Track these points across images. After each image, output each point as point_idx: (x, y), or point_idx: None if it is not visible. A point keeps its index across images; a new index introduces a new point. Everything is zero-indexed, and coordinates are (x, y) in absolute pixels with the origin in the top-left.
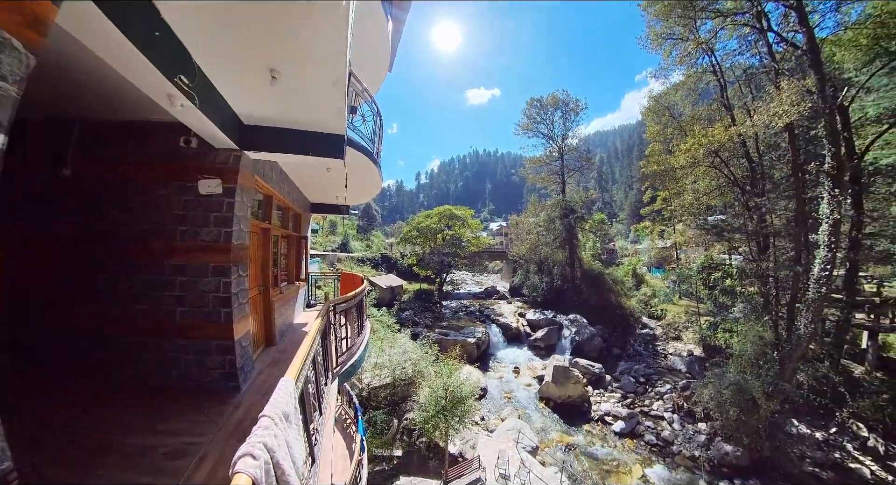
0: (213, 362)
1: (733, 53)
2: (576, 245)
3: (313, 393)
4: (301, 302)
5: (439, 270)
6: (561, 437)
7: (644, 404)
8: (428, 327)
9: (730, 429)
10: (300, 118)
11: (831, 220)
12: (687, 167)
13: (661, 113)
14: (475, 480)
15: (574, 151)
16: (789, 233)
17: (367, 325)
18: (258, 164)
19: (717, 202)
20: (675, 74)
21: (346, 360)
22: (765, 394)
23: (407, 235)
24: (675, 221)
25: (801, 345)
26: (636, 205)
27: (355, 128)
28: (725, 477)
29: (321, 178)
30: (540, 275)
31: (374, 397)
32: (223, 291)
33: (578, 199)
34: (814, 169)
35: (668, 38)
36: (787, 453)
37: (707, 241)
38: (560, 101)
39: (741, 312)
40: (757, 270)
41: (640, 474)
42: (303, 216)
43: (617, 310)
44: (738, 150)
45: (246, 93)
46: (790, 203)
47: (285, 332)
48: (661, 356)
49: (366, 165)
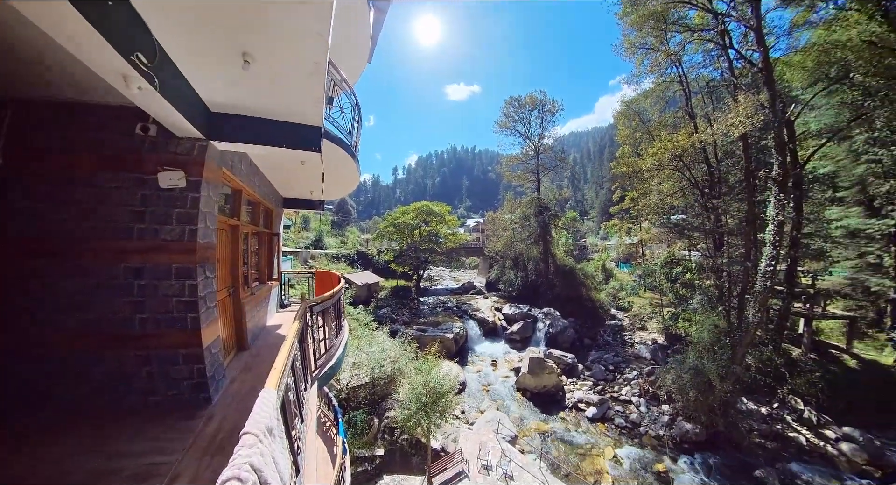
0: (180, 373)
1: (698, 66)
2: (549, 241)
3: (294, 401)
4: (274, 303)
5: (416, 266)
6: (538, 425)
7: (613, 390)
8: (406, 324)
9: (689, 409)
10: (274, 107)
11: (776, 221)
12: (653, 170)
13: (631, 117)
14: (458, 472)
15: (549, 150)
16: (741, 232)
17: (345, 325)
18: (226, 155)
19: (679, 203)
20: (646, 82)
21: (324, 362)
22: (719, 376)
23: (383, 231)
24: (642, 219)
25: (749, 332)
26: (606, 203)
27: (333, 120)
28: (686, 452)
29: (295, 171)
30: (515, 270)
31: (354, 397)
32: (189, 294)
33: (552, 197)
34: (763, 175)
35: (640, 48)
36: (737, 427)
37: (670, 238)
38: (538, 102)
39: (699, 303)
40: (713, 265)
41: (611, 455)
42: (274, 212)
43: (588, 303)
44: (699, 155)
45: (214, 78)
46: (742, 205)
47: (258, 335)
48: (629, 345)
49: (343, 159)
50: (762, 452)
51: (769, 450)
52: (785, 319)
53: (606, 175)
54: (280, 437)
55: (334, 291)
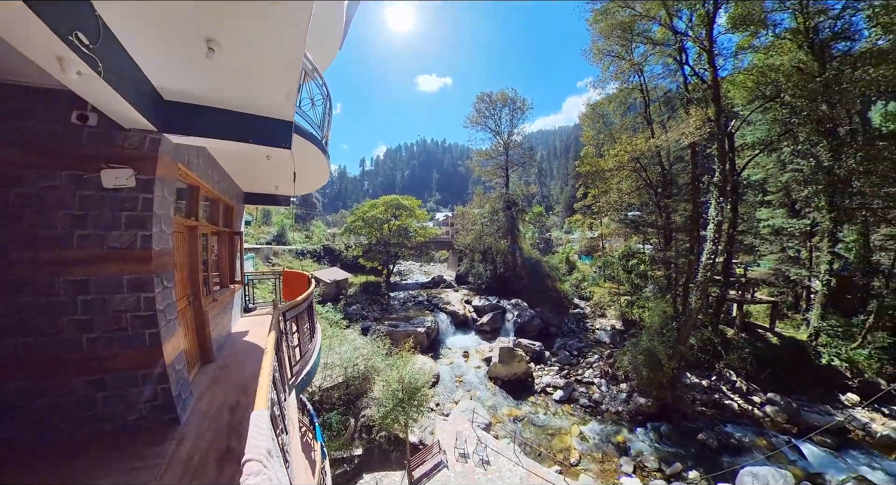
0: (142, 396)
1: (658, 77)
2: (517, 235)
3: (278, 414)
4: (238, 307)
5: (386, 261)
6: (510, 411)
7: (578, 373)
8: (377, 321)
9: (643, 386)
10: (241, 100)
11: (716, 220)
12: (614, 170)
13: (596, 120)
14: (437, 463)
15: (518, 147)
16: (687, 229)
17: (318, 328)
18: (182, 149)
19: (635, 201)
20: (610, 87)
21: (300, 369)
22: (667, 355)
23: (352, 226)
24: (602, 215)
25: (692, 316)
26: (570, 199)
27: (303, 113)
28: (641, 424)
29: (260, 165)
30: (484, 263)
31: (327, 398)
32: (145, 308)
33: (520, 192)
34: (706, 180)
35: (607, 55)
36: (683, 399)
37: (626, 233)
38: (509, 99)
39: (651, 291)
40: (663, 257)
41: (577, 432)
42: (235, 209)
43: (553, 293)
44: (655, 158)
45: (171, 64)
46: (688, 205)
47: (223, 344)
48: (590, 331)
49: (314, 155)
50: (704, 418)
51: (709, 416)
52: (721, 304)
53: (571, 173)
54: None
55: (307, 294)
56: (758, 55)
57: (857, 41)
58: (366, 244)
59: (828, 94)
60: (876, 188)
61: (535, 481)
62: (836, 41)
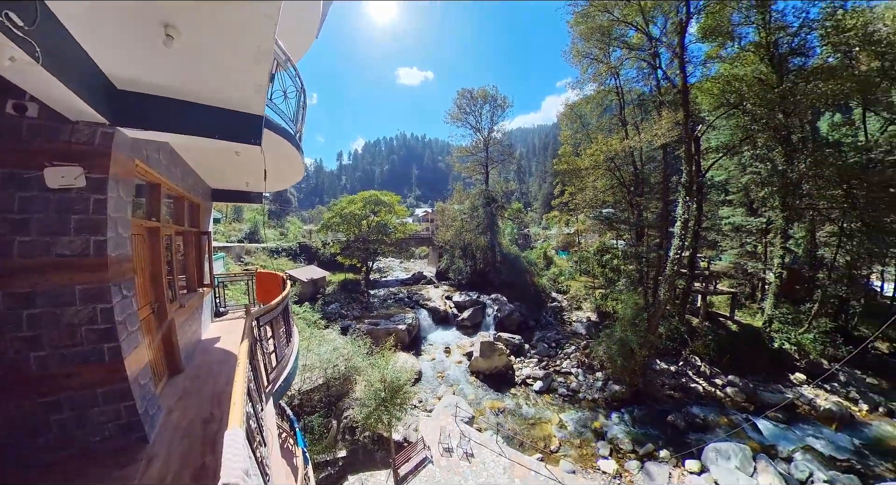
0: (103, 415)
1: (633, 80)
2: (496, 231)
3: (255, 427)
4: (208, 312)
5: (365, 258)
6: (492, 403)
7: (556, 364)
8: (357, 319)
9: (617, 373)
10: (205, 91)
11: (683, 218)
12: (590, 168)
13: (573, 120)
14: (422, 459)
15: (498, 144)
16: (657, 225)
17: (294, 332)
18: (139, 143)
19: (609, 199)
20: (588, 88)
21: (277, 376)
22: (639, 344)
23: (329, 222)
24: (578, 212)
25: (661, 307)
26: (548, 196)
27: (275, 106)
28: (616, 409)
29: (228, 161)
30: (464, 259)
31: (308, 401)
32: (103, 320)
33: (500, 189)
34: (675, 180)
35: (586, 57)
36: (654, 384)
37: (601, 229)
38: (489, 96)
39: (624, 285)
40: (635, 252)
41: (557, 420)
42: (202, 207)
43: (531, 288)
44: (628, 158)
45: (125, 51)
46: (659, 203)
47: (192, 353)
48: (567, 324)
49: (287, 151)
50: (672, 401)
51: (677, 399)
52: (687, 295)
53: (549, 170)
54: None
55: (282, 297)
56: (724, 65)
57: (810, 57)
58: (344, 241)
59: (784, 105)
60: (822, 191)
61: (517, 469)
62: (793, 56)
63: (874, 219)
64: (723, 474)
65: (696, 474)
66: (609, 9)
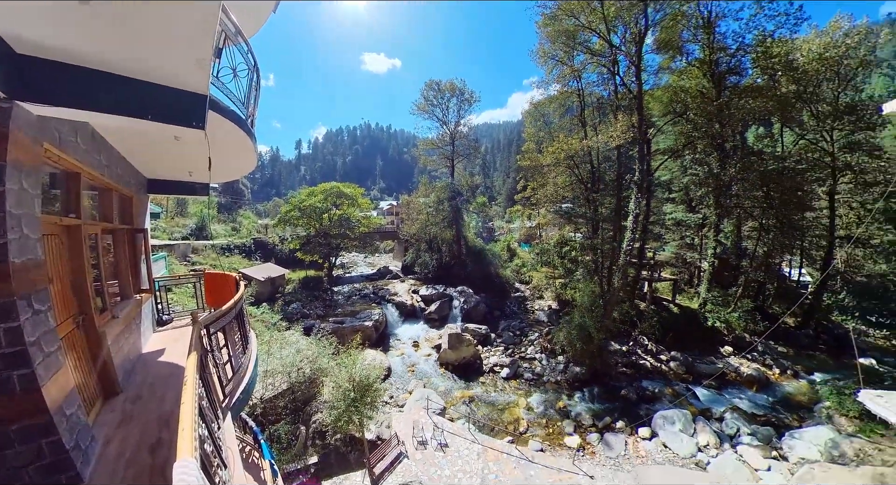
0: (20, 458)
1: (593, 84)
2: (462, 225)
3: (212, 451)
4: (149, 321)
5: (327, 253)
6: (463, 393)
7: (521, 351)
8: (321, 318)
9: (577, 356)
10: (134, 63)
11: (634, 213)
12: (551, 165)
13: (537, 118)
14: (397, 455)
15: (464, 138)
16: (611, 220)
17: (252, 337)
18: (49, 124)
19: (569, 194)
20: (552, 88)
21: (234, 388)
22: (596, 329)
23: (287, 216)
24: (540, 206)
25: (615, 294)
26: (511, 191)
27: (222, 85)
28: (577, 389)
29: (166, 147)
30: (430, 252)
31: (272, 409)
32: (8, 343)
33: (465, 183)
34: (628, 179)
35: (552, 58)
36: (609, 364)
37: (561, 223)
38: (457, 90)
39: (581, 274)
40: (591, 244)
41: (524, 404)
42: (135, 200)
43: (496, 279)
44: (586, 157)
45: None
46: (613, 199)
47: (132, 369)
48: (530, 312)
49: (236, 137)
50: (625, 377)
51: (629, 375)
52: (636, 283)
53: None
54: None
55: (235, 300)
56: (673, 76)
57: (743, 77)
58: (304, 236)
59: (720, 116)
60: (747, 192)
61: (490, 454)
62: (730, 74)
63: (786, 217)
64: (669, 438)
65: (647, 439)
66: (575, 13)
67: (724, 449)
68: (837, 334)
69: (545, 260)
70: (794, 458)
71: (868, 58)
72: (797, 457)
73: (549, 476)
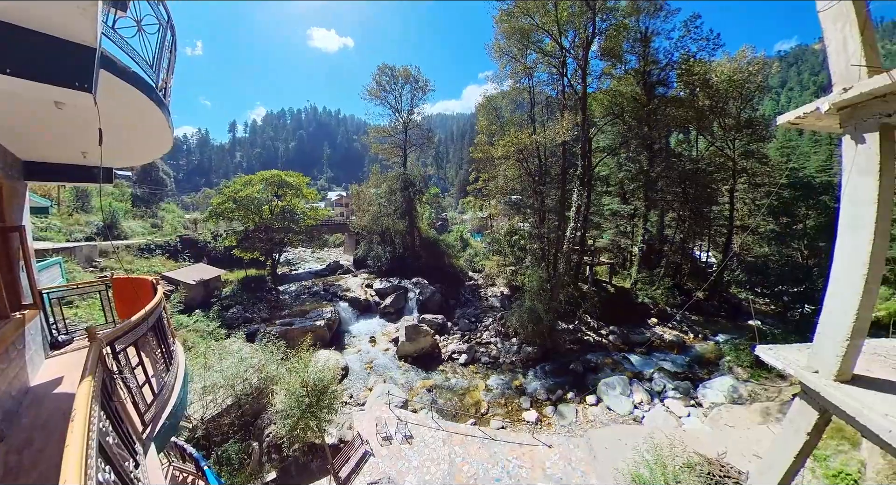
0: None
1: (543, 83)
2: (415, 216)
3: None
4: (37, 345)
5: (269, 250)
6: (424, 383)
7: (477, 336)
8: (266, 321)
9: (529, 337)
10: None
11: (577, 204)
12: (502, 158)
13: (490, 111)
14: (363, 455)
15: (418, 127)
16: (556, 210)
17: (177, 349)
18: None
19: (518, 186)
20: (506, 84)
21: (158, 413)
22: (545, 310)
23: (220, 209)
24: (491, 197)
25: (560, 278)
26: (464, 182)
27: (123, 42)
28: (530, 367)
29: (46, 117)
30: (383, 245)
31: (217, 429)
32: None
33: (418, 173)
34: (572, 173)
35: (506, 54)
36: (558, 342)
37: (510, 213)
38: (411, 77)
39: (530, 261)
40: (538, 233)
41: (483, 386)
42: (4, 188)
43: (450, 269)
44: (534, 152)
45: None
46: (558, 192)
47: (17, 410)
48: (484, 299)
49: (142, 108)
50: (573, 353)
51: (575, 350)
52: (579, 267)
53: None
54: None
55: (149, 308)
56: (614, 82)
57: (670, 88)
58: (241, 231)
59: (650, 121)
60: (669, 187)
61: (455, 438)
62: (659, 85)
63: (698, 209)
64: (612, 401)
65: (594, 405)
66: (531, 13)
67: (654, 404)
68: (734, 304)
69: (496, 249)
70: (707, 403)
71: (763, 84)
72: (709, 403)
73: (511, 451)
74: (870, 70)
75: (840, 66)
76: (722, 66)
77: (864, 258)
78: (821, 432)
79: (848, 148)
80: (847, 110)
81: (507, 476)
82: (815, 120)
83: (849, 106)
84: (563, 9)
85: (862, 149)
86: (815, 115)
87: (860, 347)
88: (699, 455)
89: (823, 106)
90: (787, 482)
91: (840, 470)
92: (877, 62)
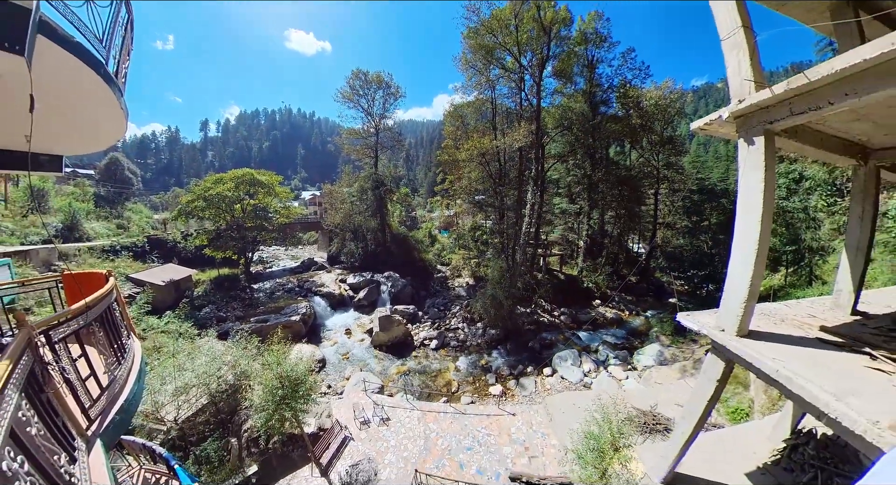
0: None
1: (504, 96)
2: (386, 213)
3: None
4: None
5: (242, 248)
6: (398, 369)
7: (446, 323)
8: (240, 319)
9: (492, 321)
10: None
11: (531, 203)
12: (466, 161)
13: (457, 118)
14: (343, 441)
15: (389, 131)
16: (514, 208)
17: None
18: None
19: (481, 187)
20: (472, 95)
21: (106, 408)
22: (505, 297)
23: (189, 208)
24: (457, 197)
25: (518, 268)
26: (432, 184)
27: (68, 10)
28: (495, 348)
29: None
30: (356, 241)
31: (193, 428)
32: None
33: (389, 174)
34: (528, 175)
35: (472, 67)
36: (518, 325)
37: (474, 211)
38: (384, 82)
39: (491, 254)
40: (499, 229)
41: (453, 368)
42: None
43: (419, 263)
44: (495, 156)
45: None
46: (516, 192)
47: None
48: (452, 289)
49: (89, 83)
50: (530, 333)
51: (533, 330)
52: (534, 258)
53: (434, 161)
54: None
55: (94, 297)
56: (564, 99)
57: (610, 107)
58: (212, 230)
59: (593, 133)
60: (609, 190)
61: (429, 416)
62: (602, 105)
63: (631, 209)
64: (565, 371)
65: (550, 376)
66: (494, 32)
67: (600, 371)
68: (658, 285)
69: (462, 243)
70: (641, 367)
71: (681, 110)
72: (642, 366)
73: (480, 422)
74: (757, 86)
75: (736, 83)
76: (651, 92)
77: (755, 235)
78: (727, 379)
79: (742, 149)
80: (741, 118)
81: (477, 445)
82: (718, 126)
83: (742, 115)
84: (523, 31)
85: (752, 149)
86: (718, 122)
87: (753, 308)
88: (636, 409)
89: (724, 114)
90: (702, 421)
91: (736, 407)
92: (762, 80)
